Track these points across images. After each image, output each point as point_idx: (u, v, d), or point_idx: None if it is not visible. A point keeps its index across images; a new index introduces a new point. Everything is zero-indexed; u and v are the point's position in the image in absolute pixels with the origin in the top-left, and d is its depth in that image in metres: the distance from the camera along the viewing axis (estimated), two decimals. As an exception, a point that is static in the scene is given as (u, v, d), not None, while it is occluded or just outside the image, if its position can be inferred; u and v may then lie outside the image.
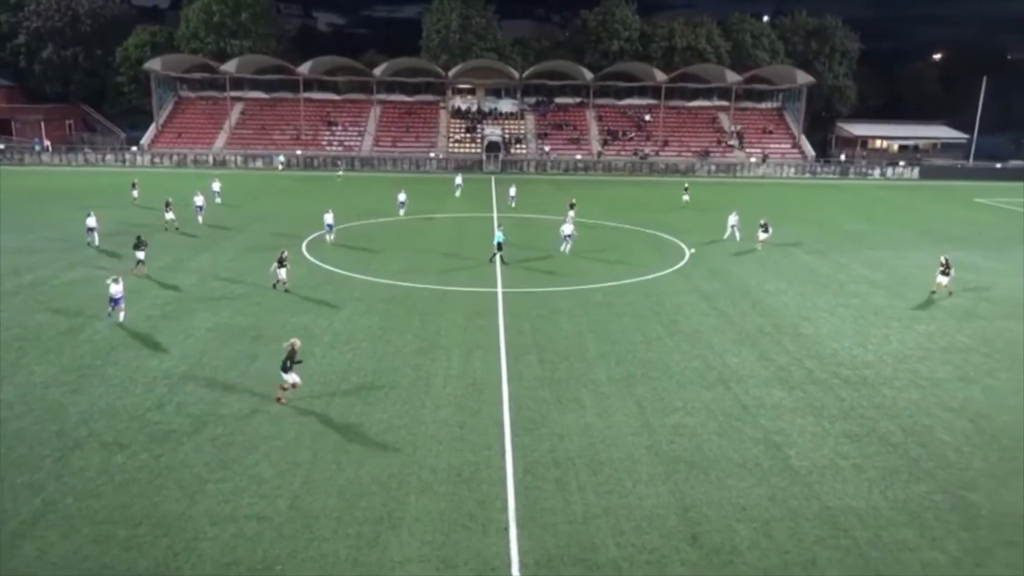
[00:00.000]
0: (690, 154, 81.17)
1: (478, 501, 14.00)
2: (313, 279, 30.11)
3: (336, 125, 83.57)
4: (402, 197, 46.12)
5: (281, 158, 75.25)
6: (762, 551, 12.71)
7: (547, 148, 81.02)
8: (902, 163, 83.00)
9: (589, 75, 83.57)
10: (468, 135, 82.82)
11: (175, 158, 77.03)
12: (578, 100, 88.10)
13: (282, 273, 27.71)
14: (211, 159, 77.36)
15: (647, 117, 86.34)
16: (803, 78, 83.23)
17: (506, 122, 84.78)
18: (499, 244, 33.33)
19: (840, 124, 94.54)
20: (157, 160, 77.00)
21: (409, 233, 40.79)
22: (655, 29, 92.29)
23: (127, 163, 76.93)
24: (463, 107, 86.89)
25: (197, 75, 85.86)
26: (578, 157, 79.56)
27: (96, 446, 15.72)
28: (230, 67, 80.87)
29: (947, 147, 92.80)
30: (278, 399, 18.22)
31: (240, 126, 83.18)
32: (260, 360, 20.78)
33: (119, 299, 23.34)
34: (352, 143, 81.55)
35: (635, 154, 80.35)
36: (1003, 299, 28.89)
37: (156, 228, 38.96)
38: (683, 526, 13.38)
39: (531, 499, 14.11)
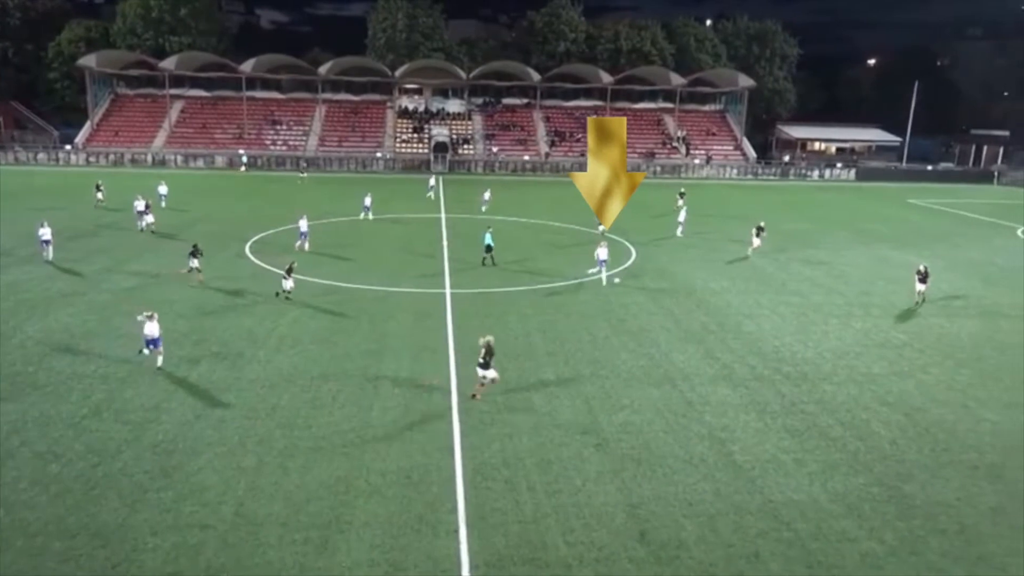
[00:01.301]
0: (636, 155, 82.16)
1: (427, 503, 13.93)
2: (259, 282, 29.56)
3: (280, 124, 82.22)
4: (367, 200, 45.38)
5: (244, 158, 73.69)
6: (708, 545, 12.93)
7: (495, 149, 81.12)
8: (839, 165, 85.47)
9: (536, 76, 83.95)
10: (415, 135, 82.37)
11: (111, 157, 74.73)
12: (525, 101, 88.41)
13: (288, 283, 26.84)
14: (150, 158, 75.32)
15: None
16: (745, 81, 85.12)
17: (453, 122, 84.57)
18: (488, 246, 33.30)
19: (780, 127, 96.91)
20: (92, 159, 74.57)
21: (359, 235, 40.36)
22: (601, 31, 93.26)
23: (60, 162, 74.32)
24: (410, 107, 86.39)
25: (135, 72, 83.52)
26: (526, 158, 79.85)
27: (29, 456, 15.15)
28: (169, 64, 78.88)
29: (881, 150, 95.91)
30: (473, 395, 18.64)
31: (180, 125, 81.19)
32: (203, 364, 20.32)
33: (157, 339, 19.85)
34: (297, 143, 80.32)
35: (583, 155, 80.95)
36: (934, 296, 29.97)
37: (122, 230, 37.75)
38: (631, 523, 13.54)
39: (481, 500, 14.10)
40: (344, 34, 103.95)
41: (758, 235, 37.78)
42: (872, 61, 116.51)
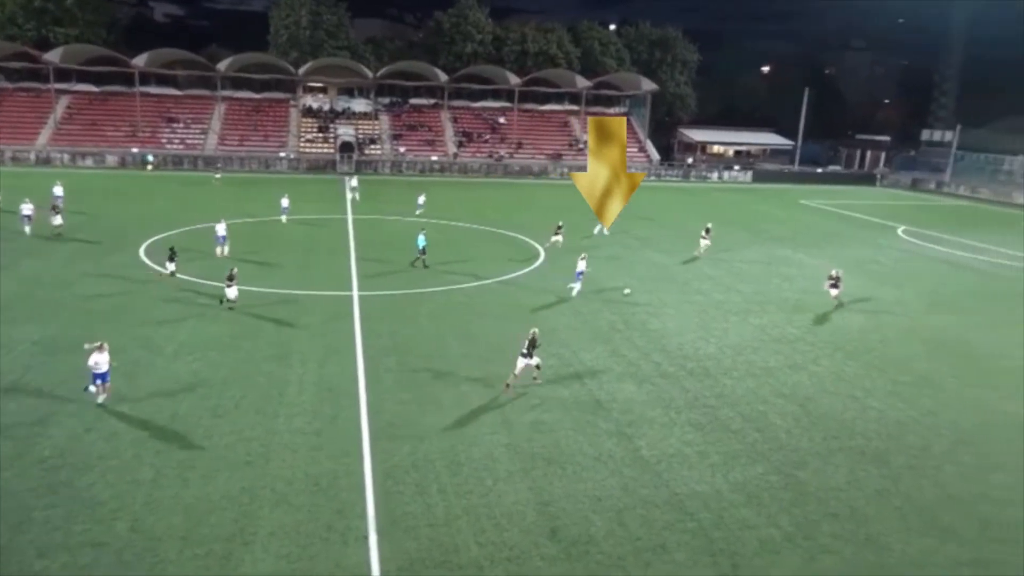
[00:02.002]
0: (543, 157, 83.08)
1: (336, 510, 13.66)
2: (155, 287, 28.28)
3: (177, 122, 78.83)
4: (285, 203, 44.02)
5: (150, 157, 70.09)
6: (616, 540, 13.21)
7: (402, 149, 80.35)
8: (737, 167, 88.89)
9: (444, 76, 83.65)
10: (320, 135, 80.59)
11: (-10, 155, 69.82)
12: (433, 101, 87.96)
13: (231, 292, 25.51)
14: (33, 157, 70.82)
15: (501, 120, 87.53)
16: (648, 85, 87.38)
17: (360, 122, 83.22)
18: (423, 248, 32.91)
19: (682, 130, 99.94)
20: (-32, 157, 69.47)
21: (273, 237, 39.17)
22: (508, 33, 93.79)
23: (-69, 160, 68.87)
24: (314, 106, 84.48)
25: (15, 64, 78.27)
26: (434, 158, 79.45)
27: None
28: (54, 56, 74.31)
29: (776, 153, 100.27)
30: (506, 385, 19.44)
31: (67, 121, 76.64)
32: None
33: (106, 374, 17.52)
34: (195, 141, 77.20)
35: (490, 156, 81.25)
36: (825, 292, 31.54)
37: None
38: (542, 521, 13.68)
39: (391, 504, 13.94)
40: (244, 30, 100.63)
41: (706, 236, 38.94)
42: (766, 68, 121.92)
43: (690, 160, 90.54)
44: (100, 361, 17.31)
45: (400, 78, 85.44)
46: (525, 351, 19.47)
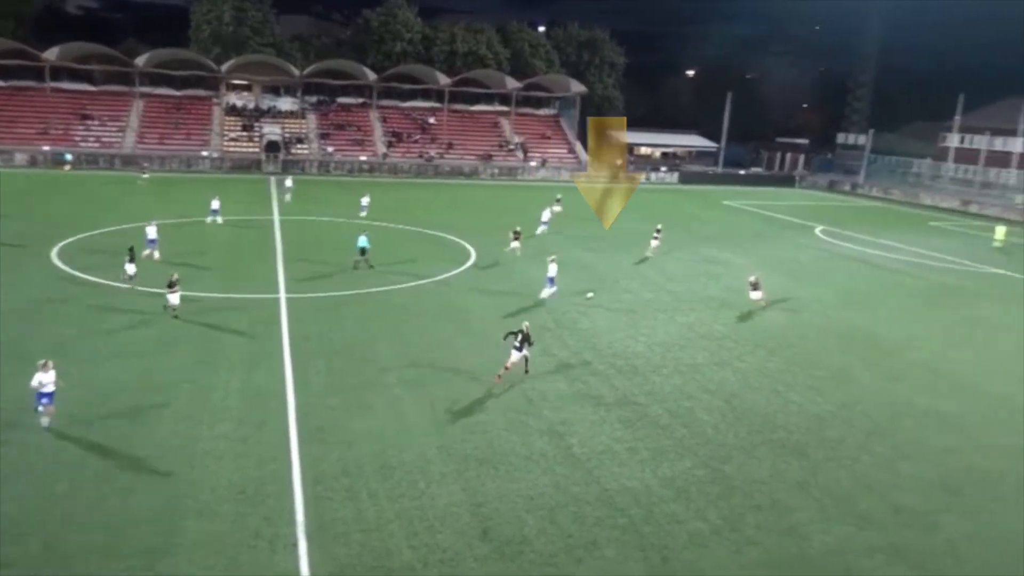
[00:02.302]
0: (474, 157, 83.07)
1: (264, 518, 13.36)
2: (69, 291, 27.09)
3: (92, 119, 75.60)
4: (215, 204, 42.57)
5: (68, 156, 66.83)
6: (548, 538, 13.32)
7: (330, 149, 79.07)
8: (664, 168, 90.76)
9: (372, 76, 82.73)
10: (245, 133, 78.56)
11: None
12: (361, 101, 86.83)
13: (174, 298, 24.36)
14: (-67, 154, 66.86)
15: (431, 120, 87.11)
16: (577, 87, 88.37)
17: (286, 121, 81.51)
18: (363, 249, 32.54)
19: (610, 131, 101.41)
20: None
21: (201, 239, 37.94)
22: (437, 33, 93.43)
23: None
24: (239, 104, 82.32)
25: (-89, 56, 73.80)
26: (363, 158, 78.46)
27: None
28: (-45, 49, 70.41)
29: (701, 154, 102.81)
30: (497, 376, 20.07)
31: (-30, 117, 72.64)
32: (4, 383, 18.30)
33: (51, 394, 16.20)
34: (111, 139, 74.19)
35: (420, 156, 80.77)
36: (748, 297, 32.49)
37: None
38: (475, 521, 13.68)
39: (321, 510, 13.72)
40: (164, 24, 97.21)
41: (657, 236, 39.66)
42: (691, 72, 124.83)
43: (632, 162, 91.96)
44: (45, 381, 16.05)
45: (328, 77, 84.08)
46: (518, 344, 20.28)
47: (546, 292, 29.30)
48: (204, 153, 73.99)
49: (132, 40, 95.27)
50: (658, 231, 40.11)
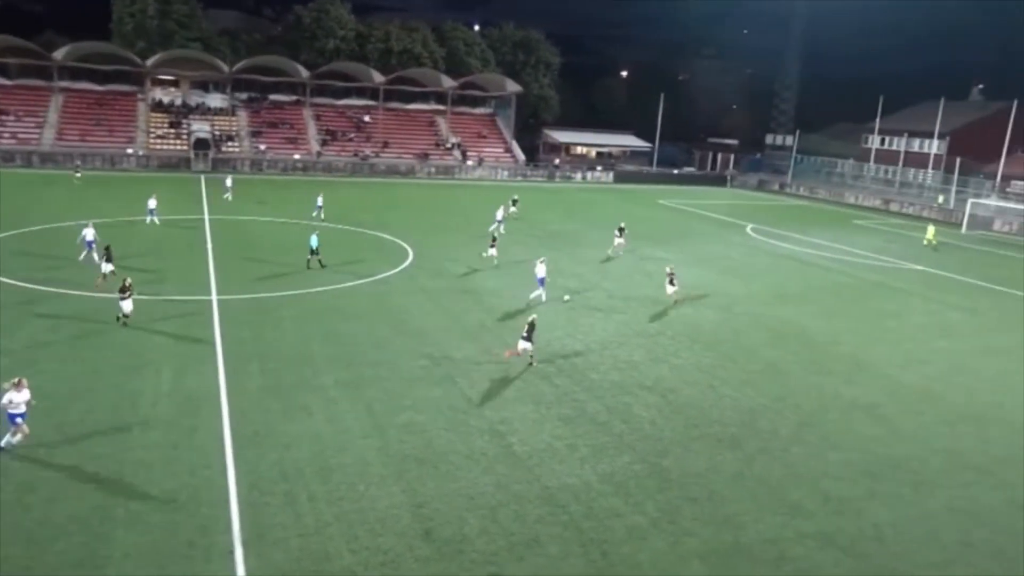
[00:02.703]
0: (410, 156, 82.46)
1: (199, 526, 12.98)
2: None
3: (7, 114, 72.16)
4: (152, 203, 41.13)
5: None
6: (490, 537, 13.32)
7: (262, 147, 77.34)
8: (599, 168, 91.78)
9: (305, 73, 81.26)
10: (172, 130, 76.16)
11: None
12: (294, 98, 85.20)
13: (126, 305, 23.09)
14: None
15: (366, 118, 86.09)
16: (512, 86, 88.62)
17: (216, 118, 79.37)
18: (313, 249, 32.40)
19: (546, 131, 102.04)
20: None
21: (134, 239, 36.50)
22: (371, 30, 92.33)
23: None
24: (165, 100, 79.72)
25: None
26: (296, 157, 77.00)
27: None
28: None
29: (635, 154, 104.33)
30: (507, 354, 21.83)
31: None
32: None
33: (23, 415, 15.25)
34: (28, 135, 70.94)
35: (356, 155, 79.75)
36: (683, 288, 33.17)
37: None
38: (416, 523, 13.59)
39: (258, 516, 13.41)
40: (83, 16, 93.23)
41: (620, 235, 40.21)
42: (624, 73, 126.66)
43: (557, 161, 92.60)
44: (16, 399, 15.05)
45: (259, 73, 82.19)
46: (525, 335, 21.51)
47: (535, 293, 29.49)
48: (129, 151, 71.42)
49: (50, 32, 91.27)
50: (621, 229, 40.83)
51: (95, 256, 30.77)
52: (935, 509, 15.34)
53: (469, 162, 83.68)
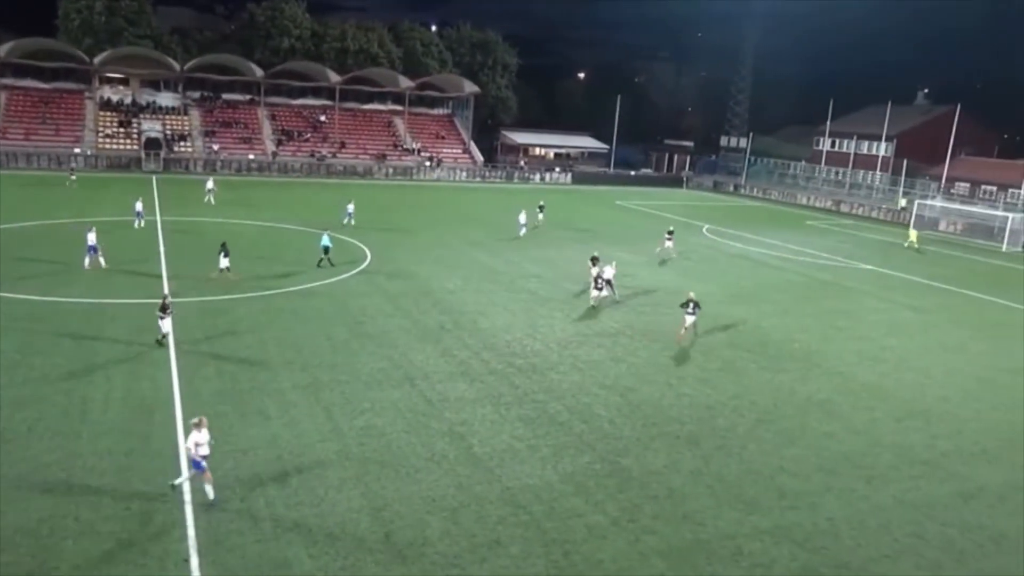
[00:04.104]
0: (367, 157, 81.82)
1: (152, 535, 12.69)
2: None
3: (-54, 112, 69.75)
4: (139, 206, 40.27)
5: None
6: (451, 539, 13.27)
7: (216, 147, 75.97)
8: (558, 169, 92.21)
9: (260, 72, 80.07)
10: (122, 130, 74.39)
11: None
12: (248, 97, 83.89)
13: (166, 324, 21.87)
14: None
15: (323, 118, 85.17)
16: (470, 87, 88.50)
17: (167, 117, 77.73)
18: (326, 248, 33.18)
19: (504, 132, 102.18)
20: None
21: (52, 241, 35.53)
22: (327, 30, 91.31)
23: None
24: (114, 98, 77.82)
25: None
26: (251, 157, 75.83)
27: None
28: None
29: (593, 155, 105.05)
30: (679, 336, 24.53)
31: None
32: None
33: (206, 457, 13.93)
34: (-30, 134, 68.65)
35: (312, 155, 78.82)
36: (642, 288, 33.53)
37: None
38: (376, 526, 13.47)
39: (214, 523, 13.15)
40: (27, 12, 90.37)
41: (669, 238, 41.41)
42: (582, 75, 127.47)
43: (523, 163, 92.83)
44: (200, 441, 13.80)
45: (212, 72, 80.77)
46: (691, 310, 25.48)
47: (597, 295, 29.74)
48: (77, 150, 69.54)
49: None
50: (670, 233, 42.08)
51: (101, 261, 30.38)
52: (886, 502, 15.73)
53: (427, 163, 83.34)
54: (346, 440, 16.74)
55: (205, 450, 13.84)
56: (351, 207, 45.81)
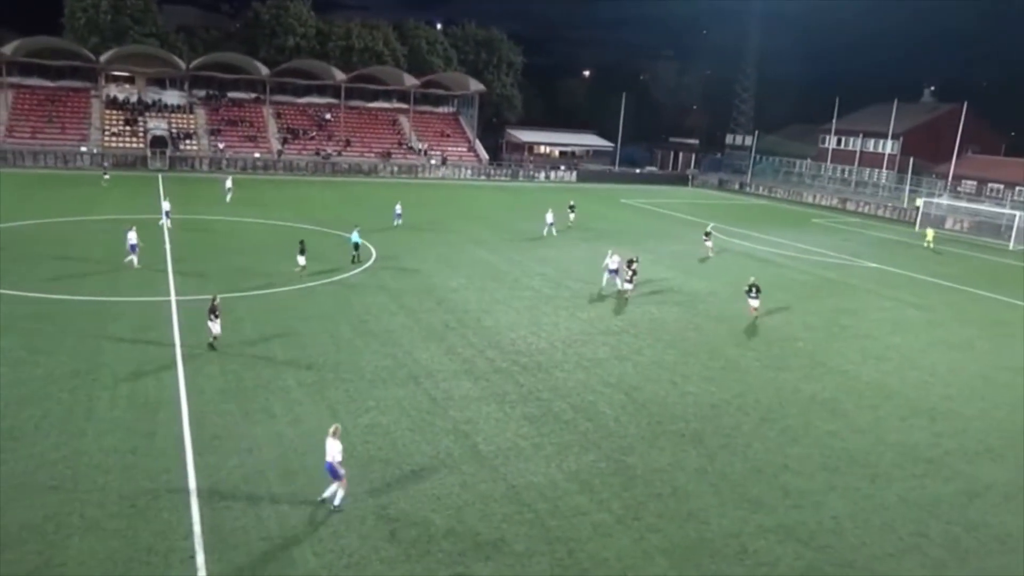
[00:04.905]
0: (372, 155, 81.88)
1: (157, 532, 12.74)
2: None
3: (-47, 111, 70.01)
4: (166, 205, 40.48)
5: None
6: (456, 537, 13.30)
7: (221, 145, 76.12)
8: (563, 167, 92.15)
9: (265, 70, 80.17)
10: (128, 128, 74.58)
11: None
12: (254, 96, 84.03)
13: (216, 326, 21.76)
14: None
15: (328, 116, 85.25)
16: (475, 86, 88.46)
17: (173, 116, 77.89)
18: (356, 244, 34.31)
19: (509, 130, 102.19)
20: None
21: (55, 241, 35.67)
22: (332, 28, 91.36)
23: None
24: (120, 97, 78.02)
25: None
26: (256, 155, 75.96)
27: None
28: None
29: (598, 154, 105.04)
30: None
31: None
32: None
33: (338, 465, 13.98)
34: (-23, 133, 68.90)
35: (317, 153, 78.92)
36: (645, 286, 33.47)
37: None
38: (381, 524, 13.50)
39: (219, 521, 13.20)
40: (33, 11, 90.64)
41: (707, 238, 43.15)
42: (587, 73, 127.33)
43: (531, 160, 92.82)
44: (334, 450, 13.92)
45: (217, 70, 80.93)
46: (754, 293, 28.50)
47: (617, 282, 31.58)
48: (83, 149, 69.79)
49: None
50: (708, 233, 43.40)
51: (135, 260, 30.66)
52: (890, 501, 15.70)
53: (432, 161, 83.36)
54: (351, 438, 16.75)
55: (339, 457, 13.91)
56: (399, 208, 45.75)
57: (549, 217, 46.01)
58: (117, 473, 14.55)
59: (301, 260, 31.55)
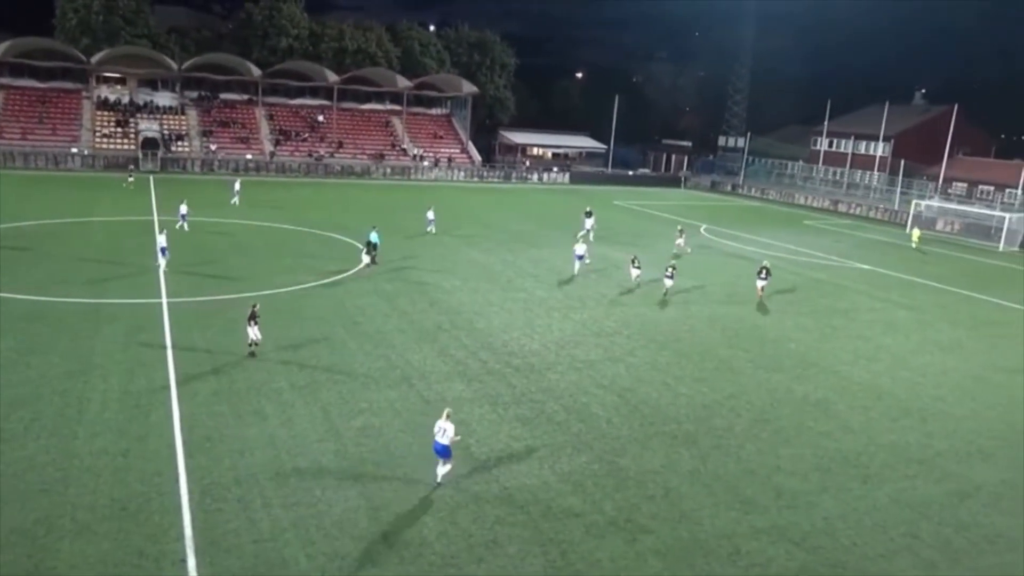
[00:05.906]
0: (365, 157, 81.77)
1: (149, 535, 12.68)
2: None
3: (-57, 112, 69.62)
4: (183, 209, 40.13)
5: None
6: (449, 539, 13.28)
7: (213, 147, 75.87)
8: (555, 169, 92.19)
9: (257, 72, 79.96)
10: (119, 129, 74.26)
11: None
12: (246, 97, 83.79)
13: (254, 332, 21.44)
14: None
15: (320, 118, 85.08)
16: (468, 87, 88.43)
17: (164, 117, 77.62)
18: (373, 244, 34.49)
19: (502, 132, 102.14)
20: None
21: (52, 242, 35.50)
22: (325, 29, 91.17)
23: None
24: (112, 98, 77.70)
25: None
26: (248, 157, 75.75)
27: None
28: None
29: (591, 155, 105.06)
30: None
31: None
32: None
33: (447, 448, 15.09)
34: (-33, 134, 68.49)
35: (310, 155, 78.75)
36: (638, 288, 33.50)
37: None
38: (374, 526, 13.48)
39: (211, 523, 13.15)
40: (24, 11, 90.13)
41: (680, 236, 43.48)
42: (580, 75, 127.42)
43: (527, 163, 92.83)
44: (447, 430, 14.87)
45: (209, 71, 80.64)
46: (764, 276, 31.38)
47: (576, 266, 34.51)
48: (74, 150, 69.48)
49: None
50: (680, 231, 44.33)
51: (163, 263, 30.68)
52: (882, 502, 15.76)
53: (425, 162, 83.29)
54: (343, 440, 16.75)
55: (445, 440, 14.77)
56: (431, 214, 44.98)
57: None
58: (108, 476, 14.48)
59: (365, 258, 33.66)
